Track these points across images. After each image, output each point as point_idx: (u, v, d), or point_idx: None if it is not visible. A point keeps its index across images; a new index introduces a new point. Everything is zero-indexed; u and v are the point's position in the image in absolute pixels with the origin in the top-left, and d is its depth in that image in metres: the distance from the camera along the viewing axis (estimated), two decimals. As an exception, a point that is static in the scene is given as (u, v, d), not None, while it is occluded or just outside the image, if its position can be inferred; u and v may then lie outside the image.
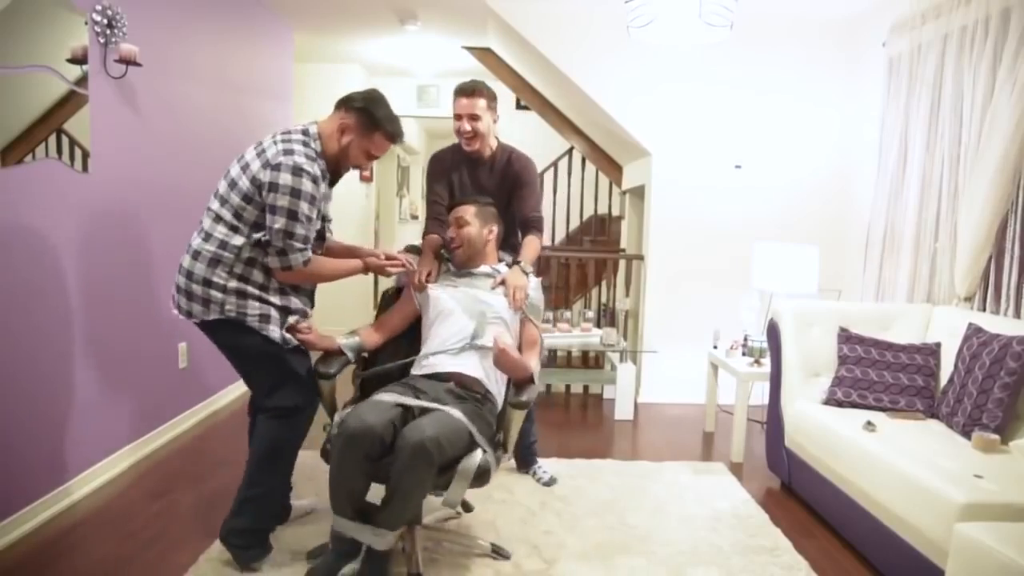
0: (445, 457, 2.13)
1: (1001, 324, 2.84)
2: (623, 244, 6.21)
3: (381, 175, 8.65)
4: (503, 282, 2.65)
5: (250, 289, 2.29)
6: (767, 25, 4.69)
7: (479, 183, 3.03)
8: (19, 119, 2.58)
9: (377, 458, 2.15)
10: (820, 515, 2.99)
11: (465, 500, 2.72)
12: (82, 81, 2.89)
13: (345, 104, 2.38)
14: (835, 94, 4.79)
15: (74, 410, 2.92)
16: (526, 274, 2.71)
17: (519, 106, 7.28)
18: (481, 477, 2.22)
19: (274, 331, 2.32)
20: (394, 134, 2.42)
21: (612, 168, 5.92)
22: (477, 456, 2.21)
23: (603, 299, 6.08)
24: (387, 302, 2.79)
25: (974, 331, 2.82)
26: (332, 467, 2.17)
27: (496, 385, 2.53)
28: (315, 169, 2.26)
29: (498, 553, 2.54)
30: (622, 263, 5.54)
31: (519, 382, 2.39)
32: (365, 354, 2.63)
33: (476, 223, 2.69)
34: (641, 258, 5.14)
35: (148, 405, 3.46)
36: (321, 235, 2.47)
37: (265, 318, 2.31)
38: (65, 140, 2.83)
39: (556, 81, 5.18)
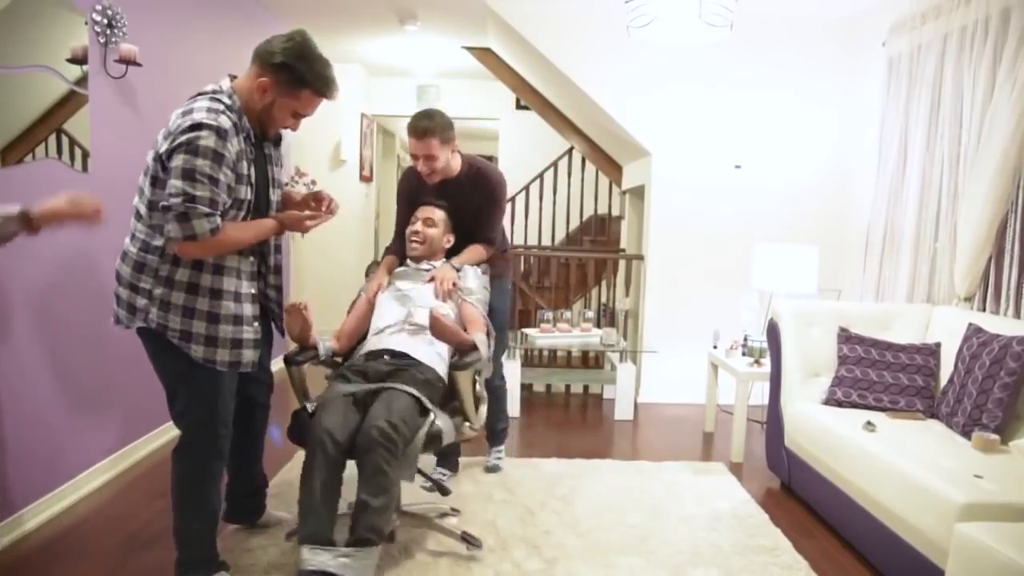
0: (405, 435, 2.18)
1: (1001, 324, 2.84)
2: (623, 244, 6.21)
3: (381, 175, 8.65)
4: (433, 278, 2.78)
5: (175, 296, 2.02)
6: (767, 25, 4.69)
7: (452, 201, 3.00)
8: (19, 119, 2.58)
9: (346, 453, 2.20)
10: (820, 515, 2.99)
11: (442, 484, 2.85)
12: (82, 81, 2.89)
13: (262, 59, 2.04)
14: (835, 94, 4.79)
15: (75, 409, 2.92)
16: (456, 269, 2.83)
17: (519, 106, 7.29)
18: (433, 440, 2.30)
19: (196, 350, 2.05)
20: (325, 90, 2.08)
21: (612, 168, 5.93)
22: (426, 422, 2.29)
23: (603, 299, 6.08)
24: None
25: (974, 331, 2.82)
26: (303, 484, 2.16)
27: (433, 358, 2.57)
28: (220, 121, 1.93)
29: (468, 542, 2.53)
30: (622, 263, 5.54)
31: (462, 349, 2.51)
32: (338, 358, 2.72)
33: (441, 227, 2.90)
34: (641, 258, 5.13)
35: (149, 404, 3.46)
36: (261, 207, 2.17)
37: (186, 335, 2.04)
38: (65, 140, 2.83)
39: (556, 81, 5.18)
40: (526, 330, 4.81)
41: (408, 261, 2.92)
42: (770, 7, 4.53)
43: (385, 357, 2.54)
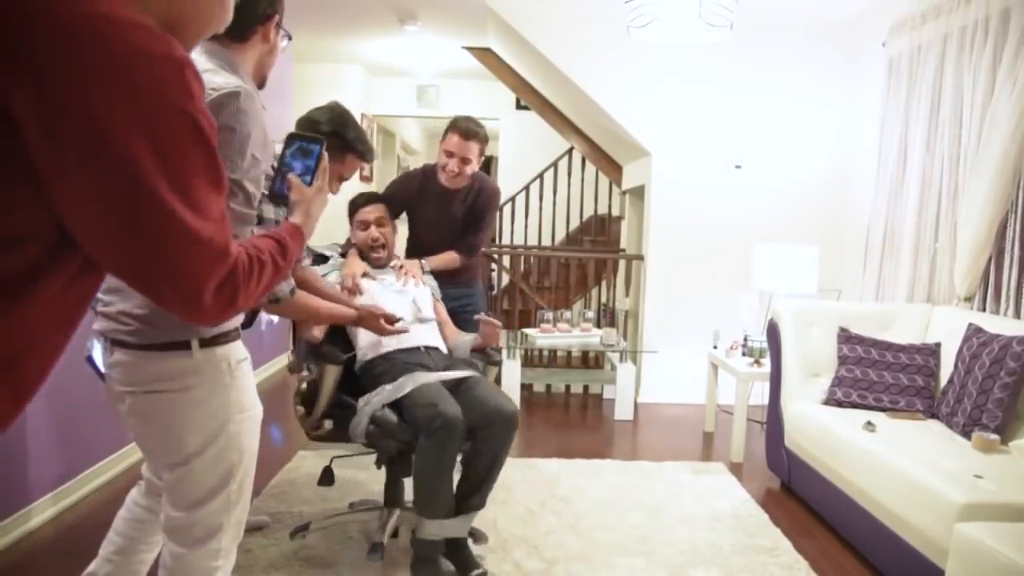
0: None
1: (1001, 324, 2.84)
2: (623, 244, 6.21)
3: (380, 175, 8.65)
4: (402, 266, 2.80)
5: None
6: (767, 25, 4.69)
7: (449, 212, 3.00)
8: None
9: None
10: (820, 515, 2.99)
11: None
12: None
13: (310, 130, 2.18)
14: (835, 94, 4.79)
15: (75, 410, 2.92)
16: (424, 271, 2.87)
17: (519, 106, 7.29)
18: None
19: None
20: (365, 153, 2.25)
21: (612, 168, 5.93)
22: None
23: (603, 299, 6.08)
24: None
25: (974, 331, 2.82)
26: (428, 468, 2.23)
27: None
28: None
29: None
30: (622, 263, 5.55)
31: (487, 348, 2.76)
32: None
33: (389, 220, 2.81)
34: (641, 258, 5.14)
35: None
36: None
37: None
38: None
39: (556, 81, 5.18)
40: (526, 330, 4.81)
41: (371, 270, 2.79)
42: (770, 7, 4.53)
43: (422, 349, 2.57)
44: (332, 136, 2.14)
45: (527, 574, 2.43)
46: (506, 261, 5.80)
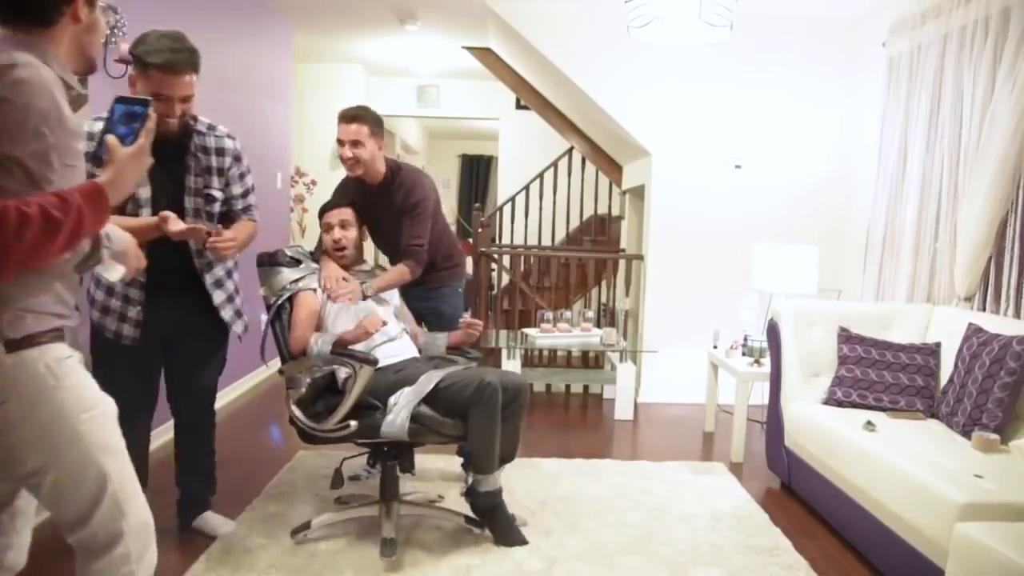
0: None
1: (1001, 324, 2.84)
2: (623, 244, 6.21)
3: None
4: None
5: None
6: (767, 25, 4.69)
7: (381, 208, 2.96)
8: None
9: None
10: (820, 515, 2.99)
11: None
12: (82, 81, 2.88)
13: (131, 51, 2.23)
14: (835, 94, 4.79)
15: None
16: (366, 296, 2.70)
17: (519, 106, 7.29)
18: None
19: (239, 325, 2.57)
20: (153, 63, 2.13)
21: (612, 168, 5.93)
22: None
23: (603, 299, 6.08)
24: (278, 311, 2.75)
25: (974, 331, 2.82)
26: (487, 431, 2.46)
27: None
28: (93, 127, 2.11)
29: (472, 523, 2.68)
30: (622, 263, 5.54)
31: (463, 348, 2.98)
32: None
33: (355, 224, 2.85)
34: (641, 258, 5.14)
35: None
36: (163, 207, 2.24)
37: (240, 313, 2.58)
38: (65, 140, 2.82)
39: (556, 81, 5.19)
40: (526, 330, 4.81)
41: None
42: (770, 7, 4.53)
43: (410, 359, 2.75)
44: (132, 58, 2.18)
45: (527, 574, 2.43)
46: (506, 261, 5.80)
